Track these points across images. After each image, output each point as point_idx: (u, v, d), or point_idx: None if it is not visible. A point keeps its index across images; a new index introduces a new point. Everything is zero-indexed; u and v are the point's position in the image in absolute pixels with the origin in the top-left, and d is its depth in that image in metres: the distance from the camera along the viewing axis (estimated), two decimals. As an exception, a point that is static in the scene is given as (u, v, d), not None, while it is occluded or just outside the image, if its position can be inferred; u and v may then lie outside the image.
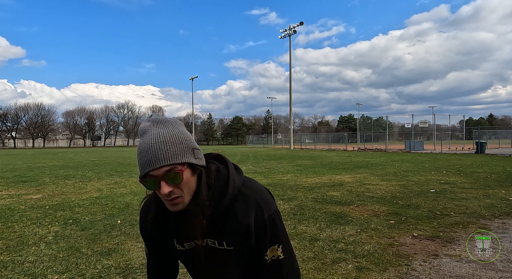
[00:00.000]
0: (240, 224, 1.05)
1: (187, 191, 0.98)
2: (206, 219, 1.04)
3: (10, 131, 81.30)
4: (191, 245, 1.13)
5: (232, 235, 1.07)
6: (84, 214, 6.06)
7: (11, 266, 3.60)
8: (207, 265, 1.15)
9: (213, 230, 1.07)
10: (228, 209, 1.06)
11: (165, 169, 0.93)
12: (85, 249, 4.12)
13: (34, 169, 15.42)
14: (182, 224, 1.08)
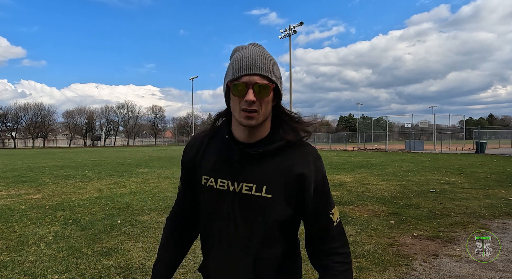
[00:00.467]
0: (293, 172, 1.01)
1: (264, 110, 0.98)
2: (258, 155, 1.02)
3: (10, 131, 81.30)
4: (223, 186, 1.05)
5: (277, 180, 1.01)
6: (84, 214, 6.06)
7: (11, 266, 3.60)
8: (233, 215, 1.05)
9: (255, 171, 1.02)
10: (286, 151, 1.03)
11: (258, 78, 0.95)
12: (85, 249, 4.12)
13: (34, 169, 15.42)
14: (227, 153, 1.06)
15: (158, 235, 4.67)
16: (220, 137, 1.11)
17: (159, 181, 10.60)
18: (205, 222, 1.11)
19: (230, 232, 1.05)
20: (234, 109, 1.00)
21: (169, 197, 7.65)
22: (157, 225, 5.21)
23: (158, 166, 16.21)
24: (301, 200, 1.02)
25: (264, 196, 1.00)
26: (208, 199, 1.09)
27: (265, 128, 1.05)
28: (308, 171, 1.01)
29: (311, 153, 1.05)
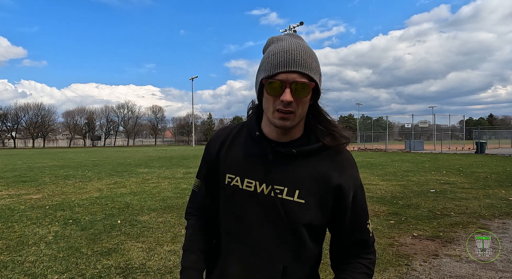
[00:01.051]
0: (330, 180, 0.93)
1: (300, 111, 0.89)
2: (294, 156, 0.94)
3: (10, 131, 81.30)
4: (250, 186, 0.95)
5: (312, 186, 0.92)
6: (84, 214, 6.06)
7: (11, 266, 3.60)
8: (260, 219, 0.94)
9: (288, 173, 0.93)
10: (321, 155, 0.95)
11: (297, 76, 0.85)
12: (85, 249, 4.12)
13: (34, 169, 15.41)
14: (257, 151, 0.97)
15: (158, 235, 4.68)
16: (248, 133, 1.01)
17: (159, 181, 10.60)
18: (226, 226, 1.00)
19: (256, 238, 0.95)
20: (267, 109, 0.91)
21: (169, 197, 7.65)
22: (157, 225, 5.21)
23: (158, 166, 16.21)
24: (337, 211, 0.95)
25: (297, 201, 0.91)
26: (231, 201, 0.98)
27: (299, 129, 0.97)
28: (346, 180, 0.94)
29: (349, 161, 0.98)
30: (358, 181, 0.98)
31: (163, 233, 4.76)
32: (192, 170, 13.77)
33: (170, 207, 6.53)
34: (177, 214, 5.91)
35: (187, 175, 12.18)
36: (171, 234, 4.73)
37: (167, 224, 5.25)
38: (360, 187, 0.98)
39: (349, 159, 0.99)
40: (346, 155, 0.98)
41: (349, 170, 0.96)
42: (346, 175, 0.95)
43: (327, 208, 0.94)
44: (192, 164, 16.93)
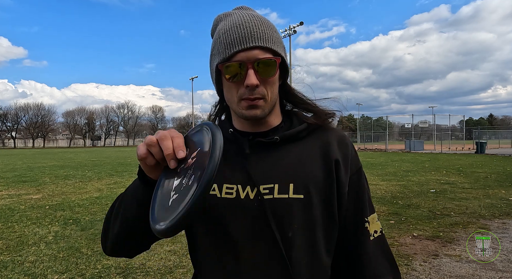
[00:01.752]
0: (328, 158, 0.76)
1: (271, 95, 0.74)
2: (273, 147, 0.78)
3: (10, 131, 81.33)
4: (231, 193, 0.75)
5: (307, 174, 0.74)
6: (84, 214, 6.06)
7: (11, 266, 3.60)
8: (247, 235, 0.73)
9: (275, 166, 0.75)
10: (310, 137, 0.80)
11: (258, 52, 0.71)
12: (85, 249, 4.13)
13: (34, 169, 15.41)
14: (233, 149, 0.78)
15: (158, 235, 4.67)
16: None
17: (159, 181, 10.60)
18: (205, 251, 0.77)
19: (247, 262, 0.72)
20: (231, 101, 0.75)
21: (169, 197, 7.65)
22: (157, 225, 5.21)
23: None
24: (338, 197, 0.76)
25: (293, 198, 0.72)
26: (209, 217, 0.75)
27: (276, 115, 0.82)
28: (342, 157, 0.77)
29: (343, 137, 0.81)
30: (355, 162, 0.80)
31: (163, 233, 4.76)
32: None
33: (170, 207, 6.53)
34: (177, 214, 5.90)
35: (187, 175, 12.16)
36: (171, 234, 4.73)
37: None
38: (358, 171, 0.79)
39: (343, 136, 0.82)
40: (338, 132, 0.83)
41: (344, 147, 0.79)
42: (341, 152, 0.78)
43: (333, 193, 0.75)
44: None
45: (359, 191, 0.78)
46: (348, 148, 0.80)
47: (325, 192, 0.74)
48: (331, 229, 0.76)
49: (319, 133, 0.81)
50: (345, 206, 0.76)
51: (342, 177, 0.76)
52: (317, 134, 0.81)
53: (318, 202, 0.73)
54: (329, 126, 0.84)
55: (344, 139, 0.81)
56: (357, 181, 0.78)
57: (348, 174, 0.77)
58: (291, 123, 0.82)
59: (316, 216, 0.73)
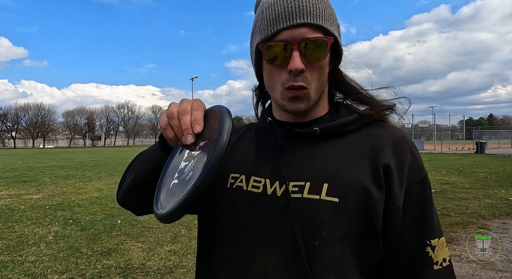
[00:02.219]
0: (375, 161, 0.62)
1: (317, 83, 0.63)
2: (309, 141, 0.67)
3: (10, 131, 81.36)
4: (257, 187, 0.66)
5: (347, 174, 0.62)
6: (84, 214, 6.06)
7: (11, 266, 3.60)
8: (267, 237, 0.62)
9: (310, 161, 0.65)
10: (358, 132, 0.68)
11: (306, 31, 0.60)
12: (85, 249, 4.13)
13: (34, 169, 15.41)
14: (267, 140, 0.71)
15: (158, 235, 4.68)
16: (259, 125, 0.77)
17: (159, 181, 10.60)
18: (223, 249, 0.67)
19: (263, 268, 0.61)
20: (272, 88, 0.66)
21: (169, 197, 7.65)
22: (157, 225, 5.21)
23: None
24: (386, 210, 0.61)
25: (326, 200, 0.60)
26: (232, 210, 0.67)
27: (321, 106, 0.71)
28: (397, 163, 0.62)
29: (401, 138, 0.65)
30: (418, 169, 0.63)
31: (163, 233, 4.76)
32: (192, 170, 13.75)
33: (170, 207, 6.53)
34: (177, 214, 5.90)
35: (187, 175, 12.17)
36: (171, 234, 4.74)
37: (167, 224, 5.25)
38: (422, 180, 0.63)
39: (401, 137, 0.66)
40: (395, 131, 0.67)
41: (404, 149, 0.64)
42: (398, 156, 0.63)
43: (377, 203, 0.60)
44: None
45: (422, 207, 0.62)
46: (406, 151, 0.64)
47: (366, 201, 0.60)
48: (368, 247, 0.61)
49: (371, 129, 0.68)
50: (399, 224, 0.61)
51: (395, 188, 0.60)
52: (368, 130, 0.67)
53: (356, 211, 0.59)
54: (385, 123, 0.70)
55: (402, 140, 0.65)
56: (419, 194, 0.62)
57: (404, 185, 0.61)
58: (338, 115, 0.70)
59: (351, 226, 0.59)
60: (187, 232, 4.80)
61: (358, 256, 0.60)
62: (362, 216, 0.60)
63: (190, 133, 0.57)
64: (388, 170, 0.61)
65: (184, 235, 4.68)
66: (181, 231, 4.88)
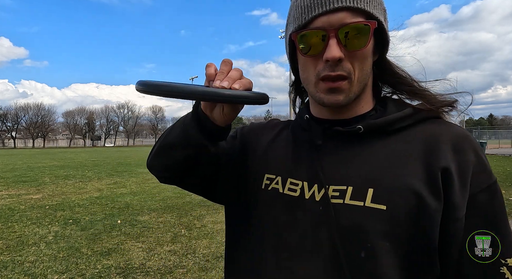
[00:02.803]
0: (431, 163, 0.54)
1: (359, 74, 0.57)
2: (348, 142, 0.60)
3: (10, 131, 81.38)
4: (294, 190, 0.61)
5: (397, 179, 0.54)
6: (84, 214, 6.06)
7: (11, 266, 3.60)
8: (307, 245, 0.57)
9: (352, 163, 0.58)
10: (411, 130, 0.59)
11: (345, 15, 0.53)
12: (85, 249, 4.13)
13: (34, 169, 15.41)
14: (305, 139, 0.65)
15: (158, 235, 4.68)
16: (297, 122, 0.71)
17: (159, 181, 10.60)
18: (255, 249, 0.63)
19: (312, 275, 0.56)
20: (307, 81, 0.60)
21: (169, 197, 7.65)
22: (157, 225, 5.21)
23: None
24: (445, 221, 0.53)
25: (371, 207, 0.53)
26: (267, 213, 0.63)
27: (364, 101, 0.63)
28: (458, 166, 0.53)
29: (463, 137, 0.56)
30: (483, 175, 0.54)
31: (163, 233, 4.76)
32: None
33: (170, 207, 6.53)
34: (177, 214, 5.91)
35: (187, 175, 12.17)
36: (171, 234, 4.74)
37: (167, 224, 5.25)
38: (490, 189, 0.54)
39: (462, 136, 0.56)
40: (456, 129, 0.58)
41: (460, 152, 0.54)
42: (460, 157, 0.54)
43: (432, 213, 0.52)
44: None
45: (491, 219, 0.54)
46: (469, 153, 0.54)
47: (420, 209, 0.52)
48: (421, 263, 0.53)
49: (426, 126, 0.59)
50: (460, 239, 0.53)
51: (455, 195, 0.52)
52: (422, 128, 0.58)
53: (407, 221, 0.52)
54: (443, 120, 0.61)
55: (465, 139, 0.56)
56: (486, 204, 0.53)
57: (467, 191, 0.52)
58: (385, 111, 0.61)
59: (401, 238, 0.52)
60: (187, 232, 4.80)
61: (409, 273, 0.52)
62: (414, 227, 0.52)
63: (228, 81, 0.52)
64: (446, 174, 0.52)
65: (184, 235, 4.68)
66: (181, 231, 4.88)
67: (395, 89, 0.66)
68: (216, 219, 5.52)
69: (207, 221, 5.38)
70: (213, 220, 5.43)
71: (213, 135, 0.62)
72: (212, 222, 5.34)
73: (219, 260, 3.71)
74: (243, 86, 0.52)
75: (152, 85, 0.49)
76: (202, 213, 5.98)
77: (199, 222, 5.36)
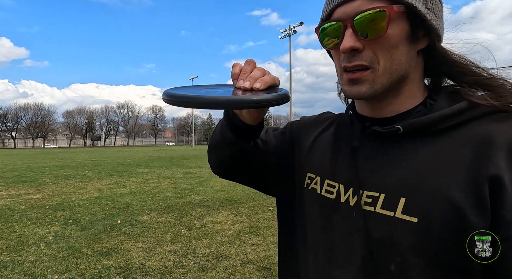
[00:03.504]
0: (477, 170, 0.46)
1: (385, 63, 0.52)
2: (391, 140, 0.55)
3: (10, 131, 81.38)
4: (331, 192, 0.60)
5: (435, 187, 0.48)
6: (84, 214, 6.06)
7: (11, 266, 3.60)
8: (342, 250, 0.56)
9: (388, 168, 0.54)
10: (463, 129, 0.51)
11: (361, 3, 0.51)
12: (85, 249, 4.13)
13: (34, 169, 15.41)
14: (345, 137, 0.63)
15: (158, 235, 4.68)
16: (342, 118, 0.69)
17: (159, 181, 10.60)
18: (298, 247, 0.66)
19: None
20: (337, 73, 0.60)
21: (169, 197, 7.65)
22: (157, 225, 5.21)
23: (158, 166, 16.21)
24: (493, 240, 0.47)
25: (401, 219, 0.49)
26: (305, 213, 0.65)
27: (407, 96, 0.57)
28: (511, 175, 0.45)
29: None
30: None
31: (163, 233, 4.76)
32: (192, 170, 13.77)
33: (170, 207, 6.53)
34: (177, 214, 5.91)
35: (187, 175, 12.17)
36: (171, 234, 4.74)
37: (167, 224, 5.25)
38: None
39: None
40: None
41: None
42: (509, 165, 0.45)
43: (474, 230, 0.47)
44: (192, 164, 16.92)
45: None
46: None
47: (459, 225, 0.46)
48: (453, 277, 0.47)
49: (481, 124, 0.50)
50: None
51: (506, 210, 0.44)
52: (477, 126, 0.50)
53: (441, 236, 0.47)
54: (508, 115, 0.50)
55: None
56: None
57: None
58: (433, 107, 0.54)
59: (435, 255, 0.47)
60: (187, 232, 4.80)
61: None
62: (450, 244, 0.46)
63: (250, 81, 0.53)
64: (497, 183, 0.44)
65: (184, 235, 4.68)
66: (181, 231, 4.88)
67: (454, 80, 0.58)
68: (216, 219, 5.53)
69: (207, 221, 5.38)
70: (213, 220, 5.44)
71: (246, 134, 0.64)
72: (212, 222, 5.34)
73: (219, 260, 3.71)
74: (264, 85, 0.52)
75: (175, 96, 0.52)
76: (202, 213, 5.98)
77: (199, 222, 5.37)
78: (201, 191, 8.35)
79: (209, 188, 8.84)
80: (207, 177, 11.26)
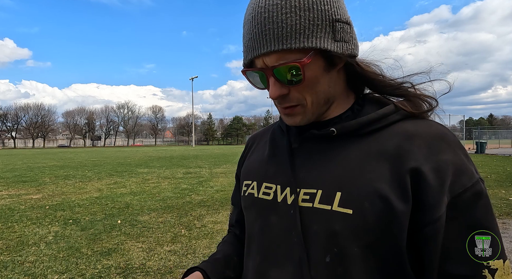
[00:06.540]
0: (402, 164, 0.52)
1: (312, 98, 0.57)
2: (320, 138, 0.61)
3: (10, 131, 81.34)
4: (268, 193, 0.63)
5: (366, 182, 0.53)
6: (84, 214, 6.06)
7: (11, 266, 3.60)
8: (279, 250, 0.59)
9: (323, 167, 0.58)
10: (386, 130, 0.57)
11: (275, 58, 0.53)
12: (85, 249, 4.13)
13: (34, 169, 15.40)
14: (279, 142, 0.69)
15: (158, 235, 4.68)
16: (278, 127, 0.73)
17: (159, 181, 10.60)
18: (247, 262, 0.68)
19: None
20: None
21: (169, 197, 7.65)
22: (157, 225, 5.21)
23: (158, 166, 16.20)
24: (417, 228, 0.51)
25: (338, 211, 0.53)
26: (248, 218, 0.68)
27: (336, 104, 0.62)
28: (432, 165, 0.51)
29: (439, 135, 0.54)
30: (463, 176, 0.51)
31: (163, 233, 4.76)
32: (192, 170, 13.77)
33: (170, 207, 6.53)
34: (177, 214, 5.90)
35: (187, 175, 12.17)
36: (171, 234, 4.74)
37: (167, 224, 5.25)
38: (472, 190, 0.51)
39: (439, 134, 0.54)
40: (432, 126, 0.56)
41: (435, 151, 0.52)
42: (437, 157, 0.51)
43: (400, 218, 0.51)
44: (192, 164, 16.90)
45: (475, 221, 0.51)
46: (446, 152, 0.52)
47: (387, 214, 0.50)
48: (391, 270, 0.52)
49: (402, 126, 0.57)
50: (440, 242, 0.50)
51: (428, 196, 0.50)
52: (398, 128, 0.57)
53: (375, 226, 0.51)
54: (423, 116, 0.59)
55: (442, 138, 0.53)
56: (468, 205, 0.50)
57: (445, 193, 0.49)
58: (361, 111, 0.61)
59: (369, 244, 0.52)
60: (187, 232, 4.80)
61: (379, 277, 0.52)
62: (383, 232, 0.51)
63: None
64: (417, 175, 0.51)
65: (184, 235, 4.68)
66: (181, 231, 4.88)
67: (375, 91, 0.65)
68: (216, 219, 5.53)
69: (207, 221, 5.38)
70: (213, 220, 5.43)
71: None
72: (212, 222, 5.34)
73: (219, 260, 3.71)
74: None
75: None
76: (202, 213, 5.98)
77: (199, 222, 5.36)
78: (201, 191, 8.34)
79: (209, 188, 8.84)
80: (207, 177, 11.26)
